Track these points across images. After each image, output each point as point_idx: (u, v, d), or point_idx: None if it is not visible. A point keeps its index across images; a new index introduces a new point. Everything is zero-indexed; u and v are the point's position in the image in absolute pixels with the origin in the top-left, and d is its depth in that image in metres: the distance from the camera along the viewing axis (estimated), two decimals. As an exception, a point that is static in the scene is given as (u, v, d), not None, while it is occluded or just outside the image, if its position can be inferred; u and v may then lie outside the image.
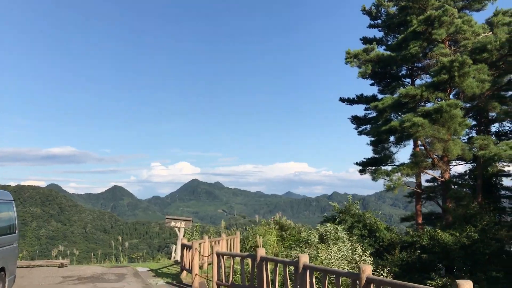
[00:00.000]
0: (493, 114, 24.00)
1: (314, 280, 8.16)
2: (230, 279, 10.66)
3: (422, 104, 23.06)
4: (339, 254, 14.03)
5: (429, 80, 23.98)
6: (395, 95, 23.95)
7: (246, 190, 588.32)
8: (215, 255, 11.16)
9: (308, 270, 8.09)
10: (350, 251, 14.35)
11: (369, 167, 27.67)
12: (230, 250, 18.63)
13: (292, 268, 9.08)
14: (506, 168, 25.41)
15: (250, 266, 10.08)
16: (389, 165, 26.71)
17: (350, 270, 10.97)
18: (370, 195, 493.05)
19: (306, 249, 14.95)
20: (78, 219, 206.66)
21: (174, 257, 20.85)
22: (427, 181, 27.93)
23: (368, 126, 28.09)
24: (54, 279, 13.90)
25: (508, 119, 23.86)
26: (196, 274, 12.55)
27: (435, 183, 26.43)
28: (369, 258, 13.88)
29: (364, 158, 27.90)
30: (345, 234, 16.83)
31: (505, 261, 17.90)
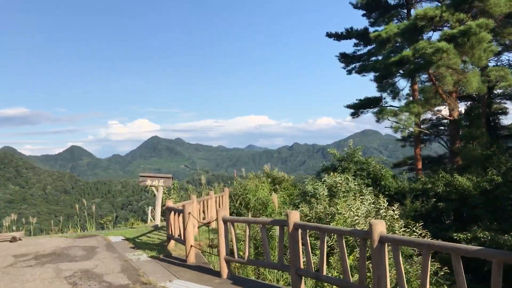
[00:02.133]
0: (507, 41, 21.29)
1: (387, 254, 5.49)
2: (246, 253, 7.84)
3: (439, 28, 20.30)
4: (362, 209, 11.50)
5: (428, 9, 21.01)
6: (403, 22, 21.03)
7: (208, 145, 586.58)
8: (221, 222, 8.28)
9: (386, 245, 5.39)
10: (371, 205, 11.85)
11: (363, 110, 25.17)
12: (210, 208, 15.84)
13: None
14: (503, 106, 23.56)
15: (279, 234, 7.29)
16: (382, 106, 24.29)
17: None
18: (330, 144, 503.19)
19: (317, 205, 12.32)
20: (37, 181, 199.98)
21: (152, 221, 17.94)
22: (424, 121, 25.61)
23: (358, 64, 25.32)
24: (2, 260, 10.72)
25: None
26: (191, 246, 9.70)
27: (441, 123, 24.25)
28: (396, 212, 11.39)
29: (356, 100, 25.28)
30: (356, 185, 14.29)
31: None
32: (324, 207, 11.95)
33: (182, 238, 10.27)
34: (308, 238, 6.68)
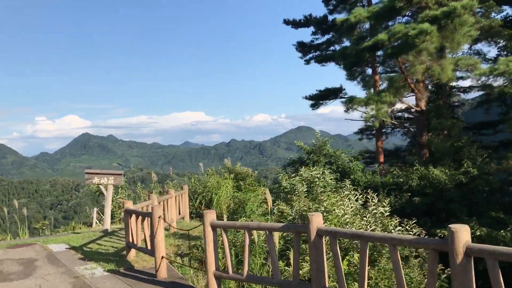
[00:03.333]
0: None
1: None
2: (245, 267, 6.16)
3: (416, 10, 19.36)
4: (351, 207, 10.22)
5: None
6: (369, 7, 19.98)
7: (142, 142, 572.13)
8: (208, 228, 6.56)
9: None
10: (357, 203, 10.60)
11: (323, 101, 24.08)
12: (179, 210, 13.99)
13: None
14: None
15: (296, 241, 5.70)
16: (342, 96, 23.34)
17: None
18: (266, 140, 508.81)
19: (298, 203, 10.88)
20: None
21: (98, 225, 15.71)
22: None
23: (317, 53, 24.18)
24: None
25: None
26: (162, 257, 7.89)
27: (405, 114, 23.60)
28: (387, 208, 10.20)
29: (317, 90, 24.09)
30: (332, 179, 13.02)
31: (505, 201, 15.61)
32: (307, 205, 10.53)
33: (149, 247, 8.41)
34: (337, 248, 5.16)
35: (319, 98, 24.17)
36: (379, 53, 21.04)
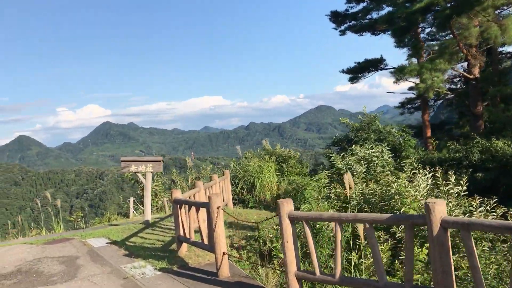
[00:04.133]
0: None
1: None
2: (338, 267, 5.06)
3: None
4: (425, 188, 9.05)
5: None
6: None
7: (162, 128, 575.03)
8: (286, 221, 5.48)
9: None
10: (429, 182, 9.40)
11: (364, 73, 22.65)
12: (223, 197, 12.98)
13: None
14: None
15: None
16: (382, 68, 21.88)
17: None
18: (285, 122, 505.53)
19: (359, 185, 9.73)
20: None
21: (135, 215, 14.88)
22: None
23: (352, 23, 22.65)
24: None
25: None
26: (224, 254, 6.87)
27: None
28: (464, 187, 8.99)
29: (355, 62, 22.61)
30: (390, 158, 11.79)
31: None
32: (374, 187, 9.39)
33: (206, 242, 7.41)
34: (473, 244, 4.01)
35: (358, 70, 22.69)
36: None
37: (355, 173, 10.46)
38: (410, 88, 22.76)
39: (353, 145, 13.12)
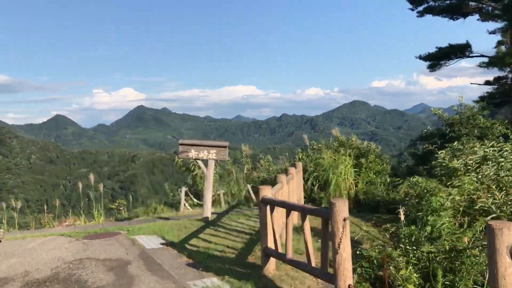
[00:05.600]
0: None
1: None
2: None
3: None
4: None
5: None
6: None
7: (194, 115, 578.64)
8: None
9: None
10: None
11: (445, 60, 19.98)
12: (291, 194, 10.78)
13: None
14: None
15: None
16: (468, 56, 19.17)
17: None
18: (318, 115, 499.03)
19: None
20: (21, 150, 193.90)
21: (186, 208, 12.91)
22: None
23: (431, 4, 19.91)
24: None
25: None
26: (350, 286, 4.70)
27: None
28: None
29: (436, 47, 19.93)
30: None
31: None
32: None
33: (315, 264, 5.27)
34: None
35: (439, 57, 20.00)
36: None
37: (479, 177, 8.11)
38: (497, 79, 19.96)
39: (454, 142, 10.71)
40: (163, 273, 6.64)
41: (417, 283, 5.69)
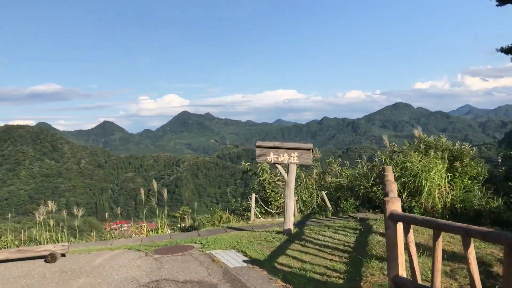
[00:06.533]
0: None
1: None
2: None
3: None
4: None
5: None
6: None
7: (236, 120, 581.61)
8: None
9: None
10: None
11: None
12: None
13: None
14: None
15: None
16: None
17: None
18: (360, 118, 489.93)
19: None
20: (71, 156, 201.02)
21: (258, 217, 11.78)
22: None
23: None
24: None
25: None
26: None
27: None
28: None
29: None
30: None
31: None
32: None
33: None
34: None
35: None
36: None
37: None
38: None
39: None
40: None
41: None
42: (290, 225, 8.89)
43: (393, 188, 6.58)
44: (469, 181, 11.16)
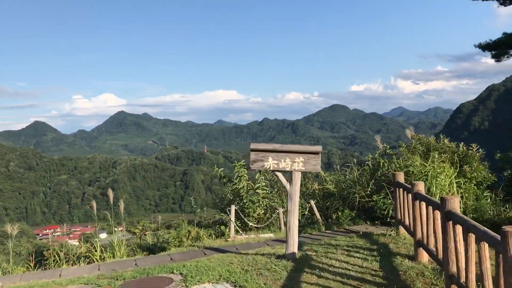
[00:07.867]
0: None
1: None
2: None
3: None
4: None
5: None
6: None
7: (176, 120, 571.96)
8: None
9: None
10: None
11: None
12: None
13: None
14: None
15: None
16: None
17: None
18: (299, 119, 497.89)
19: None
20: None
21: (238, 234, 9.87)
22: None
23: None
24: None
25: None
26: None
27: None
28: None
29: (504, 34, 17.32)
30: None
31: None
32: None
33: None
34: None
35: (506, 45, 17.32)
36: None
37: None
38: None
39: None
40: None
41: None
42: (294, 248, 7.08)
43: (420, 186, 5.04)
44: (475, 187, 9.93)
